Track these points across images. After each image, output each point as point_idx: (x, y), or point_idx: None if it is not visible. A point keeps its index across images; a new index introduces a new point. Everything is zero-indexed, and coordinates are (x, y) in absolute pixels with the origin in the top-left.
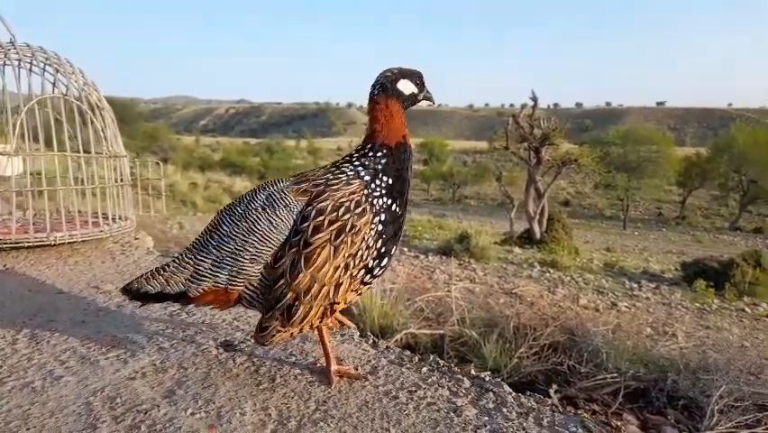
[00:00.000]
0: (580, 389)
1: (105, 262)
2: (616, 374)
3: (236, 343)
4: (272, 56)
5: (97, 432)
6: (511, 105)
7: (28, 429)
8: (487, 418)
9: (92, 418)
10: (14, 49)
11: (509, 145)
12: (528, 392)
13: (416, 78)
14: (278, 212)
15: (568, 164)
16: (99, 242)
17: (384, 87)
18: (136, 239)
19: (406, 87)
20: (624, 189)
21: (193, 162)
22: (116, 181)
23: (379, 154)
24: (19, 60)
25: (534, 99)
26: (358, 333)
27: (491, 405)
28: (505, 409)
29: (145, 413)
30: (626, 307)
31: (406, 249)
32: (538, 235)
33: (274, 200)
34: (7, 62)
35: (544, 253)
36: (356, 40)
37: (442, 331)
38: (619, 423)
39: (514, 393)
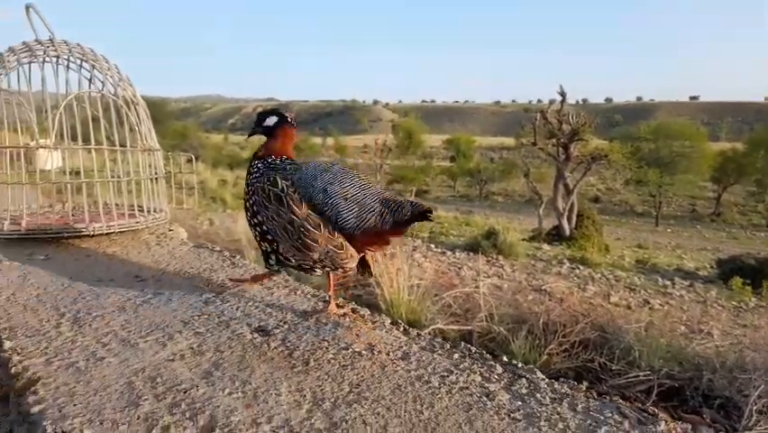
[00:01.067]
0: (612, 386)
1: (141, 252)
2: (648, 372)
3: (270, 328)
4: (300, 55)
5: (140, 409)
6: (539, 101)
7: (74, 406)
8: (520, 402)
9: (134, 396)
10: (53, 46)
11: (537, 141)
12: (562, 379)
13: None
14: None
15: (598, 160)
16: (135, 233)
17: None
18: (170, 230)
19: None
20: (656, 185)
21: (222, 160)
22: (150, 174)
23: None
24: (57, 57)
25: (563, 94)
26: (389, 320)
27: (524, 390)
28: (538, 395)
29: (185, 392)
30: (659, 304)
31: (433, 245)
32: (567, 232)
33: None
34: (47, 59)
35: (573, 250)
36: (382, 38)
37: (470, 327)
38: (656, 409)
39: (547, 380)
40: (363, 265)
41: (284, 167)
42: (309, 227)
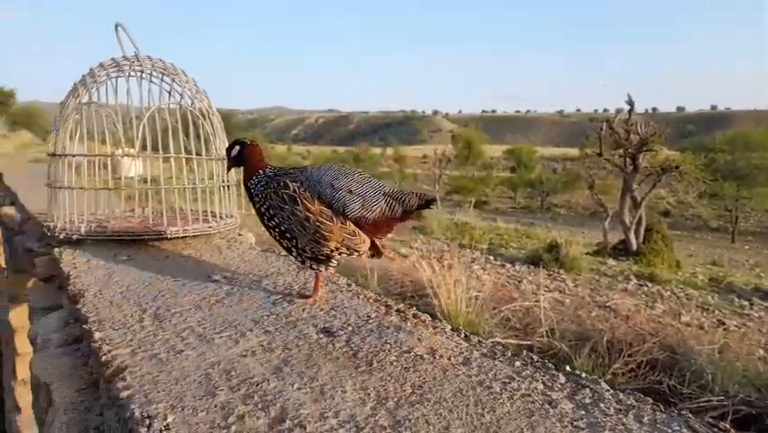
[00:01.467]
0: (682, 410)
1: (214, 255)
2: (722, 397)
3: (334, 330)
4: (360, 68)
5: (217, 398)
6: (605, 110)
7: (158, 393)
8: (583, 412)
9: (211, 386)
10: (138, 61)
11: (603, 152)
12: (627, 391)
13: (235, 144)
14: None
15: (668, 171)
16: (208, 237)
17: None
18: (240, 235)
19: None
20: (732, 199)
21: None
22: (222, 182)
23: None
24: (141, 72)
25: (631, 103)
26: (450, 326)
27: (588, 400)
28: (602, 405)
29: (257, 385)
30: (735, 326)
31: (492, 257)
32: (635, 247)
33: None
34: (131, 74)
35: (641, 266)
36: (441, 49)
37: (529, 342)
38: (728, 426)
39: (611, 391)
40: (374, 248)
41: (284, 172)
42: (324, 221)
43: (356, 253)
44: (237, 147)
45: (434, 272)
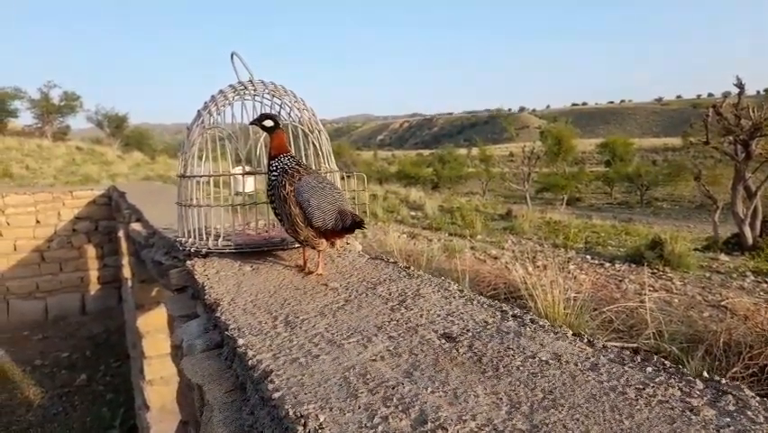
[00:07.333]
0: None
1: (327, 263)
2: None
3: (455, 335)
4: (444, 69)
5: (359, 400)
6: (709, 95)
7: (305, 394)
8: (729, 419)
9: (351, 389)
10: (252, 85)
11: (710, 140)
12: None
13: (270, 117)
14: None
15: None
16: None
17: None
18: (348, 244)
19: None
20: None
21: (372, 175)
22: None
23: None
24: (255, 94)
25: (740, 86)
26: (571, 332)
27: (732, 407)
28: (749, 413)
29: (393, 388)
30: None
31: (588, 256)
32: (750, 241)
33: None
34: (246, 97)
35: (758, 261)
36: (525, 43)
37: (635, 344)
38: None
39: (758, 398)
40: (332, 244)
41: (293, 170)
42: (299, 222)
43: (317, 247)
44: (270, 122)
45: (527, 273)
